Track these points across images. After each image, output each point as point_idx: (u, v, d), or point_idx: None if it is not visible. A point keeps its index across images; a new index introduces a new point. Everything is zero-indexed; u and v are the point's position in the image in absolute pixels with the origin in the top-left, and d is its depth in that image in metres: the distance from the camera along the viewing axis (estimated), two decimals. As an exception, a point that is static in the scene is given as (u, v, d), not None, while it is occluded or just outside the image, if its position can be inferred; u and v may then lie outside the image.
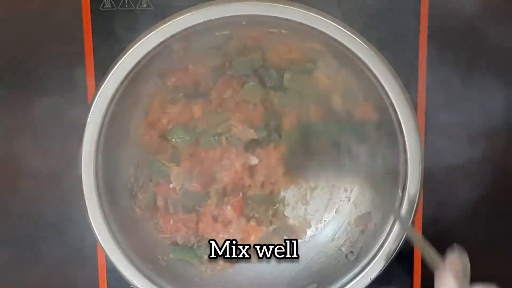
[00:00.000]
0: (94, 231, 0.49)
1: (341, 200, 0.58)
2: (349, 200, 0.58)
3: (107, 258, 0.50)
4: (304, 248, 0.57)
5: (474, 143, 0.57)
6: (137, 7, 0.53)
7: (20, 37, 0.54)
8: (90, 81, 0.53)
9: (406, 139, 0.48)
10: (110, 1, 0.53)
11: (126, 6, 0.53)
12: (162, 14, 0.48)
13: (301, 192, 0.58)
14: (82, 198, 0.48)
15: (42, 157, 0.55)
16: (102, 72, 0.48)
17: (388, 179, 0.51)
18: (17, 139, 0.55)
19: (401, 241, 0.50)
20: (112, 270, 0.53)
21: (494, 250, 0.58)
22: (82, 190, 0.48)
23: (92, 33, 0.53)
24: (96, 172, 0.48)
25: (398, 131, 0.48)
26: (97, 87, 0.47)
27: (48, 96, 0.54)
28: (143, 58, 0.47)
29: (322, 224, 0.58)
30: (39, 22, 0.53)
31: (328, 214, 0.58)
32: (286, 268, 0.56)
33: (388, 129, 0.49)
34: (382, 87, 0.47)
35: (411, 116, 0.48)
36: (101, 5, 0.53)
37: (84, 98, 0.53)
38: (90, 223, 0.49)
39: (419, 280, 0.57)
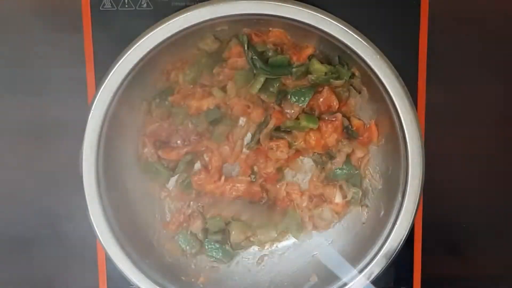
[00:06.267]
0: (95, 230, 0.49)
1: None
2: None
3: (107, 257, 0.50)
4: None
5: (475, 142, 0.57)
6: (137, 7, 0.53)
7: (20, 37, 0.54)
8: (90, 81, 0.53)
9: (407, 140, 0.48)
10: (110, 1, 0.53)
11: (126, 6, 0.53)
12: (162, 14, 0.48)
13: None
14: (83, 198, 0.48)
15: (43, 156, 0.55)
16: (102, 72, 0.48)
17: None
18: (17, 139, 0.55)
19: (401, 241, 0.50)
20: (112, 270, 0.53)
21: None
22: (83, 190, 0.48)
23: (92, 33, 0.53)
24: (96, 172, 0.48)
25: (399, 133, 0.49)
26: (97, 86, 0.48)
27: (48, 96, 0.54)
28: (144, 57, 0.47)
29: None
30: (39, 22, 0.53)
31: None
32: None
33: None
34: (384, 87, 0.48)
35: (413, 117, 0.48)
36: (101, 5, 0.53)
37: (84, 98, 0.53)
38: (91, 222, 0.49)
39: (419, 280, 0.57)
